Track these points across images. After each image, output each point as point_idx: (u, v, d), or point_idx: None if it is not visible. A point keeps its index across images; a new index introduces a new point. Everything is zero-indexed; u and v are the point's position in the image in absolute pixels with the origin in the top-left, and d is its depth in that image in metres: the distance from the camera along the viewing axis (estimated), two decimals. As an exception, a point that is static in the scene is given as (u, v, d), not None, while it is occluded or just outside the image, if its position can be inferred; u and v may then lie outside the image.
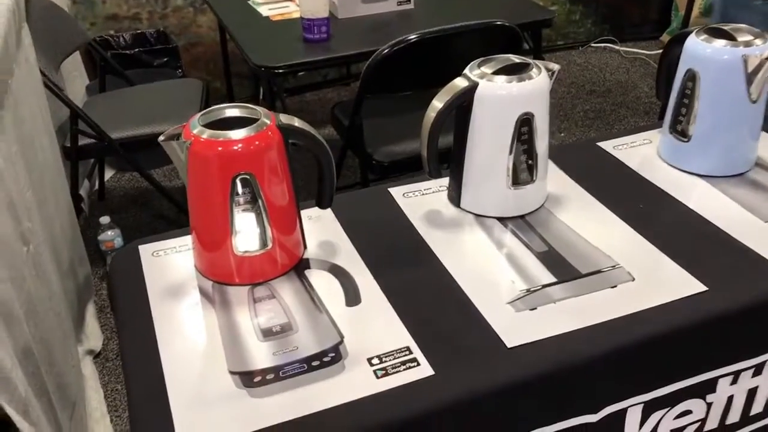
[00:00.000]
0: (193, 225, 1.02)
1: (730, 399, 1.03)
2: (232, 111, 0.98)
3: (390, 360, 0.87)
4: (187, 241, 1.08)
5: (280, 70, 2.08)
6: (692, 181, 1.22)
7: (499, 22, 1.94)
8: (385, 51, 1.86)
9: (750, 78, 1.13)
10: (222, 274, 1.01)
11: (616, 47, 3.94)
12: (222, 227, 0.97)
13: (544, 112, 1.09)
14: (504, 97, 1.06)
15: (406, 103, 2.01)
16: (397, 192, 1.22)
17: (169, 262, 1.06)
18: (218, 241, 0.98)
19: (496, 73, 1.06)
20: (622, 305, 0.95)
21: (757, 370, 1.02)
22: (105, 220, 2.30)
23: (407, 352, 0.89)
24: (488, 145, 1.10)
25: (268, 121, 0.96)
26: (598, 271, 1.01)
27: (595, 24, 3.99)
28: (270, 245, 0.99)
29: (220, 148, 0.93)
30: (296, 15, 2.24)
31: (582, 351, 0.90)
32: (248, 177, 0.94)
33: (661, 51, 1.26)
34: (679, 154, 1.25)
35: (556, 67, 1.09)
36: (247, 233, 0.98)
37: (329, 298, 0.98)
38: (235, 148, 0.93)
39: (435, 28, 1.89)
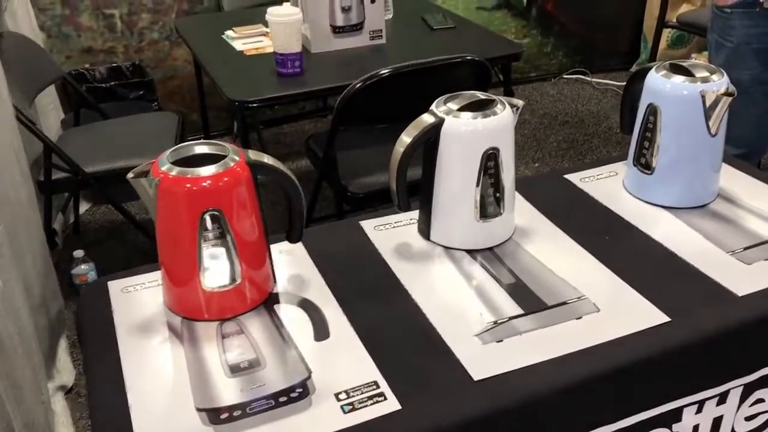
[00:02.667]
0: (162, 261, 1.02)
1: (696, 428, 1.04)
2: (201, 148, 0.99)
3: (357, 395, 0.88)
4: (157, 276, 1.08)
5: (254, 104, 2.10)
6: (656, 213, 1.24)
7: (469, 57, 1.97)
8: (358, 85, 1.88)
9: (708, 113, 1.16)
10: (190, 310, 1.01)
11: (588, 78, 4.01)
12: (190, 263, 0.97)
13: (509, 146, 1.11)
14: (469, 132, 1.08)
15: (380, 135, 2.02)
16: (368, 225, 1.23)
17: (138, 298, 1.06)
18: (187, 277, 0.99)
19: (462, 109, 1.09)
20: (587, 336, 0.96)
21: (721, 399, 1.03)
22: (79, 253, 2.29)
23: (374, 387, 0.89)
24: (455, 179, 1.12)
25: (237, 158, 0.97)
26: (564, 303, 1.03)
27: (567, 56, 4.06)
28: (239, 281, 1.00)
29: (188, 185, 0.93)
30: (270, 50, 2.26)
31: (547, 383, 0.91)
32: (217, 213, 0.95)
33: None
34: (643, 186, 1.27)
35: (520, 103, 1.12)
36: (215, 269, 0.98)
37: (298, 333, 0.98)
38: (204, 184, 0.93)
39: (407, 63, 1.92)
